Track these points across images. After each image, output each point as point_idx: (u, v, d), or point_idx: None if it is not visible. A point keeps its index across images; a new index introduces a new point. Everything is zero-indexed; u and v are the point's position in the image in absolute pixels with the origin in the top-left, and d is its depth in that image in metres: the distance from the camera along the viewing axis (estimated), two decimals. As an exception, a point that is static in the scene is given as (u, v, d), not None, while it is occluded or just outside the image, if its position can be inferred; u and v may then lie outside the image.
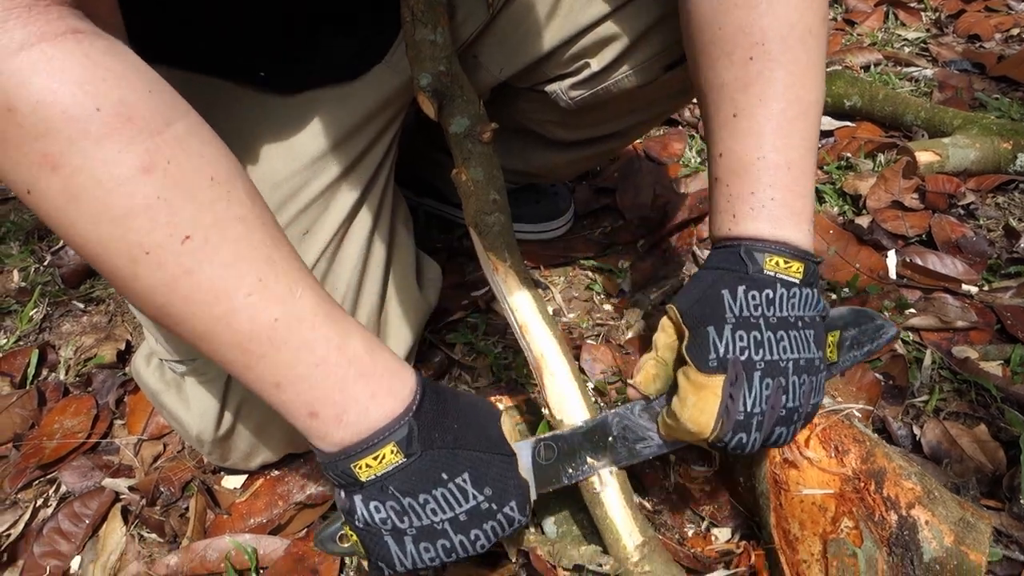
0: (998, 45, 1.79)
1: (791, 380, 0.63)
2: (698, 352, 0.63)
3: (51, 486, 0.94)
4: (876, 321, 0.72)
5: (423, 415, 0.60)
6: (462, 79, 0.80)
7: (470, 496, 0.60)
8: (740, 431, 0.62)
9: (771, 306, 0.64)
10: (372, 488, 0.59)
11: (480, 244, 0.79)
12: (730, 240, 0.67)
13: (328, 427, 0.58)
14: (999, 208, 1.24)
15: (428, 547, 0.60)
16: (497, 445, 0.64)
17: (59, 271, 1.30)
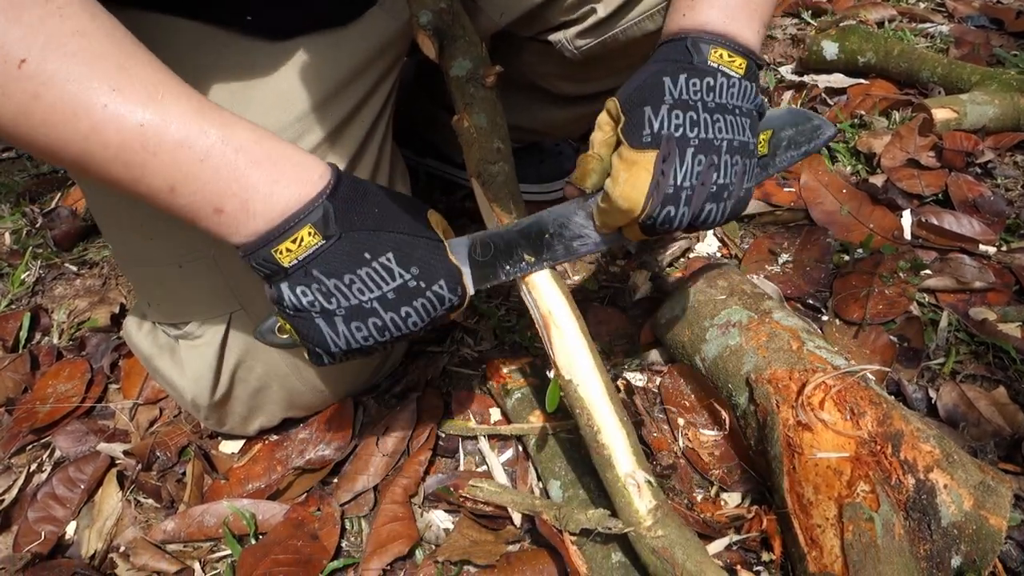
0: (1016, 1, 1.73)
1: (724, 158, 0.62)
2: (632, 130, 0.63)
3: (45, 451, 0.92)
4: (813, 121, 0.70)
5: (339, 198, 0.60)
6: (464, 19, 0.76)
7: (396, 274, 0.60)
8: (669, 204, 0.61)
9: (710, 92, 0.63)
10: (296, 273, 0.59)
11: (483, 195, 0.75)
12: (679, 33, 0.66)
13: (238, 219, 0.57)
14: (1018, 167, 1.20)
15: (360, 326, 0.60)
16: (422, 230, 0.64)
17: (51, 233, 1.27)
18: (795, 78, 1.53)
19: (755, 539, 0.73)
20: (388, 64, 0.86)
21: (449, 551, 0.73)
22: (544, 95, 1.07)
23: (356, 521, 0.81)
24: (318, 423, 0.90)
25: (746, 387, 0.78)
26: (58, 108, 0.51)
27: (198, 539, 0.80)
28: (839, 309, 0.97)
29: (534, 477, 0.82)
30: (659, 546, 0.64)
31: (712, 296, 0.88)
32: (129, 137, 0.53)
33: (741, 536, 0.73)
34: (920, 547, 0.66)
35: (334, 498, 0.81)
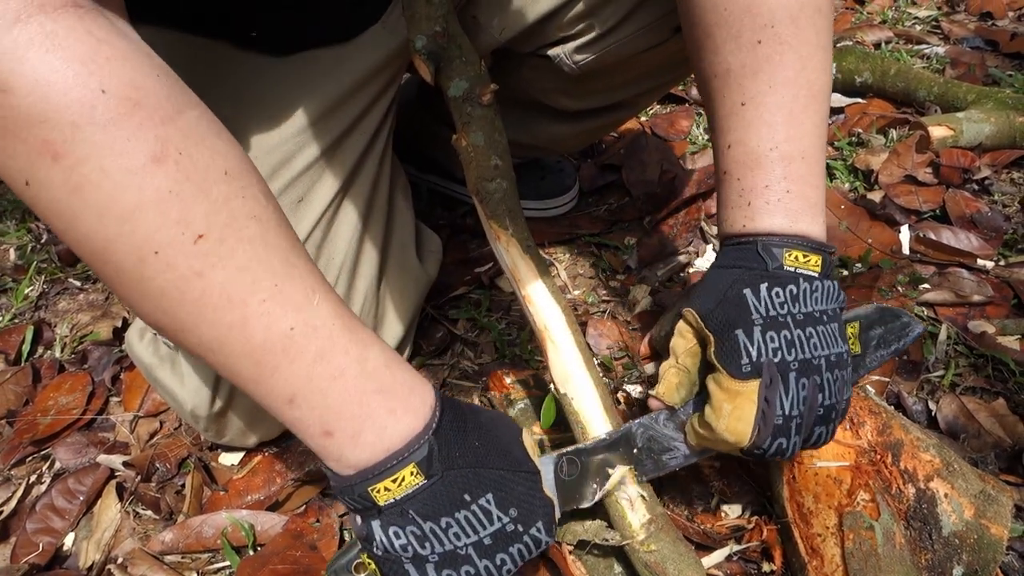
0: (1011, 23, 1.76)
1: (825, 377, 0.60)
2: (729, 358, 0.60)
3: (45, 462, 0.92)
4: (902, 319, 0.70)
5: (443, 433, 0.56)
6: (461, 39, 0.77)
7: (495, 518, 0.56)
8: (780, 436, 0.59)
9: (796, 302, 0.61)
10: (391, 512, 0.54)
11: (482, 212, 0.76)
12: (744, 236, 0.64)
13: (344, 447, 0.53)
14: (1014, 183, 1.21)
15: (451, 574, 0.55)
16: (520, 463, 0.59)
17: (55, 249, 1.27)
18: (793, 98, 1.54)
19: (756, 549, 0.73)
20: (388, 79, 0.87)
21: (448, 561, 0.73)
22: (543, 111, 1.09)
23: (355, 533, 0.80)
24: (318, 435, 0.90)
25: (745, 398, 0.78)
26: (217, 292, 0.48)
27: (196, 550, 0.80)
28: (838, 322, 0.97)
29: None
30: (651, 560, 0.64)
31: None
32: (274, 338, 0.50)
33: (741, 546, 0.73)
34: (921, 557, 0.65)
35: (333, 509, 0.81)
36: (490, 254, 1.15)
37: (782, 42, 0.62)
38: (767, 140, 0.63)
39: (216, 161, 0.48)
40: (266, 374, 0.51)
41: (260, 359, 0.50)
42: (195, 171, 0.47)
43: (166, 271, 0.47)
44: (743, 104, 0.63)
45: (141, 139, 0.45)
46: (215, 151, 0.49)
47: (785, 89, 0.62)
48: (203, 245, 0.47)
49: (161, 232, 0.46)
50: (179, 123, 0.47)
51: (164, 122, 0.46)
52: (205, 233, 0.47)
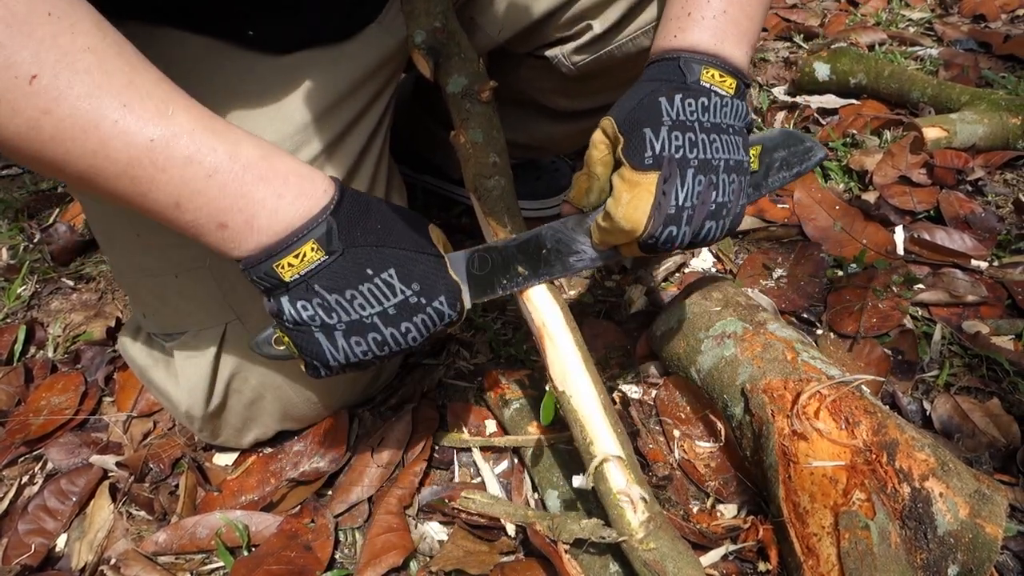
0: (1004, 25, 1.77)
1: (721, 177, 0.64)
2: (634, 151, 0.64)
3: (37, 463, 0.91)
4: (805, 143, 0.72)
5: (343, 214, 0.60)
6: (459, 36, 0.77)
7: (397, 290, 0.61)
8: (671, 224, 0.63)
9: (705, 112, 0.65)
10: (297, 288, 0.59)
11: (480, 209, 0.76)
12: (670, 52, 0.67)
13: (241, 234, 0.57)
14: (1008, 184, 1.21)
15: (359, 341, 0.61)
16: (423, 246, 0.64)
17: (48, 248, 1.27)
18: (788, 99, 1.55)
19: (751, 549, 0.73)
20: (385, 79, 0.87)
21: (443, 561, 0.73)
22: (541, 111, 1.08)
23: (350, 532, 0.80)
24: (312, 435, 0.89)
25: (741, 397, 0.78)
26: (68, 124, 0.51)
27: (190, 551, 0.79)
28: (833, 323, 0.98)
29: (529, 488, 0.82)
30: (651, 559, 0.63)
31: (707, 308, 0.88)
32: (138, 153, 0.53)
33: (737, 546, 0.73)
34: (917, 556, 0.65)
35: (328, 509, 0.81)
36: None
37: None
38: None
39: (37, 5, 0.50)
40: (144, 188, 0.54)
41: (133, 175, 0.54)
42: (14, 18, 0.48)
43: (15, 116, 0.50)
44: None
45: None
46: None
47: None
48: (38, 84, 0.49)
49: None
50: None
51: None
52: (38, 73, 0.49)
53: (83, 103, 0.51)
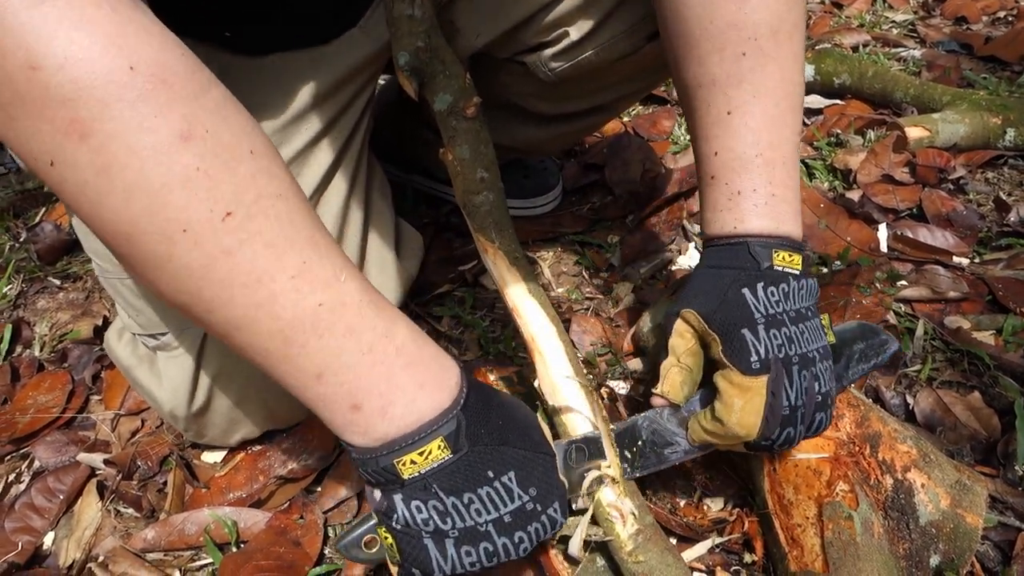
0: (985, 27, 1.79)
1: (819, 367, 0.64)
2: (738, 355, 0.63)
3: (24, 461, 0.91)
4: (881, 336, 0.74)
5: (470, 409, 0.56)
6: (444, 51, 0.77)
7: (515, 496, 0.56)
8: (788, 426, 0.62)
9: (787, 300, 0.65)
10: (414, 486, 0.54)
11: (470, 225, 0.76)
12: (733, 238, 0.67)
13: (371, 421, 0.53)
14: (989, 183, 1.23)
15: (470, 551, 0.55)
16: (540, 444, 0.60)
17: (35, 247, 1.26)
18: (773, 99, 1.56)
19: (737, 541, 0.73)
20: (365, 80, 0.87)
21: (432, 555, 0.73)
22: (522, 114, 1.09)
23: (339, 528, 0.80)
24: (301, 433, 0.89)
25: (727, 392, 0.79)
26: (245, 270, 0.48)
27: (179, 548, 0.79)
28: (818, 319, 0.99)
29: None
30: (639, 571, 0.64)
31: (693, 304, 0.89)
32: (303, 315, 0.50)
33: (723, 538, 0.74)
34: (899, 546, 0.67)
35: (317, 505, 0.81)
36: (474, 252, 1.15)
37: (764, 54, 0.65)
38: (752, 147, 0.66)
39: (242, 139, 0.48)
40: (294, 352, 0.51)
41: (289, 336, 0.50)
42: (222, 149, 0.46)
43: (193, 249, 0.47)
44: (729, 113, 0.67)
45: (169, 116, 0.44)
46: (241, 129, 0.49)
47: (768, 98, 0.66)
48: (231, 223, 0.47)
49: (189, 210, 0.46)
50: (204, 101, 0.47)
51: (190, 99, 0.46)
52: (233, 211, 0.47)
53: (267, 252, 0.48)
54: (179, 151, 0.45)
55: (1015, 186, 1.22)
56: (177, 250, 0.47)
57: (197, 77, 0.47)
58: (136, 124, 0.43)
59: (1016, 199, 1.18)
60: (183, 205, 0.46)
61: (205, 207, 0.46)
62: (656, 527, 0.67)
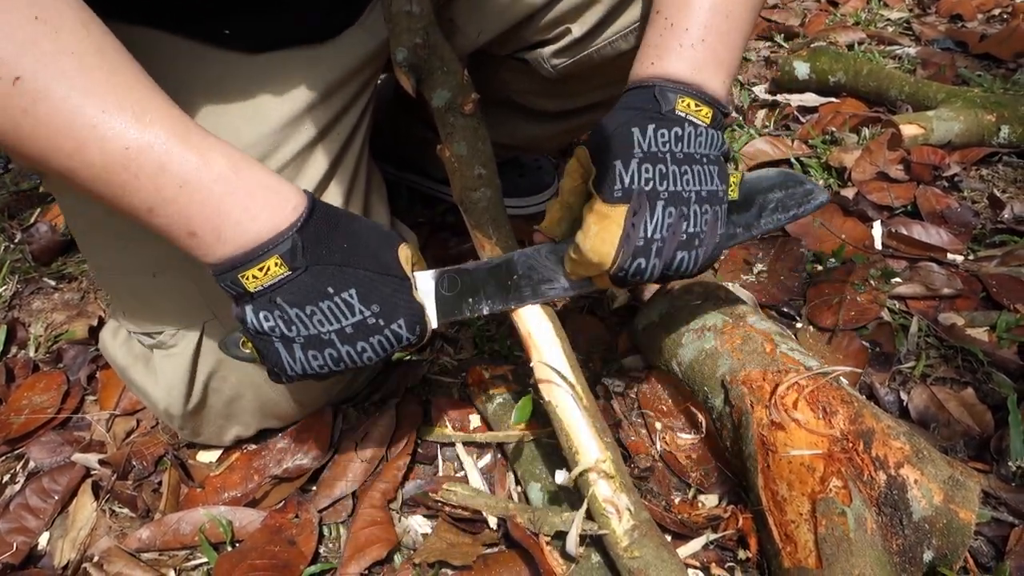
0: (980, 25, 1.79)
1: (693, 208, 0.64)
2: (604, 184, 0.65)
3: (18, 462, 0.91)
4: (805, 185, 0.71)
5: (309, 231, 0.61)
6: (442, 49, 0.76)
7: (356, 310, 0.62)
8: (639, 256, 0.63)
9: (679, 142, 0.65)
10: (260, 299, 0.60)
11: (467, 221, 0.76)
12: (646, 80, 0.68)
13: (209, 243, 0.59)
14: (983, 180, 1.23)
15: (316, 355, 0.62)
16: (388, 267, 0.65)
17: (29, 248, 1.26)
18: (768, 97, 1.56)
19: (731, 538, 0.74)
20: (365, 80, 0.87)
21: (426, 553, 0.73)
22: (522, 111, 1.09)
23: (334, 527, 0.80)
24: (296, 432, 0.89)
25: (721, 389, 0.79)
26: (47, 124, 0.52)
27: (174, 547, 0.79)
28: (812, 316, 0.99)
29: (512, 481, 0.83)
30: (635, 567, 0.64)
31: (688, 302, 0.89)
32: (112, 159, 0.54)
33: (718, 535, 0.74)
34: (893, 542, 0.67)
35: (312, 504, 0.81)
36: (469, 251, 1.15)
37: None
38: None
39: (22, 8, 0.51)
40: (118, 192, 0.56)
41: (108, 179, 0.55)
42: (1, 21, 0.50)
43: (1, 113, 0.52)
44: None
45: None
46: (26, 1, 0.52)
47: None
48: (20, 85, 0.51)
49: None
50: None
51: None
52: (21, 75, 0.51)
53: (62, 105, 0.52)
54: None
55: (1009, 183, 1.22)
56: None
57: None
58: None
59: (1010, 196, 1.18)
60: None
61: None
62: (651, 523, 0.67)
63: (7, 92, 0.51)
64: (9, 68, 0.50)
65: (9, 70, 0.50)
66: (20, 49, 0.51)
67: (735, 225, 0.71)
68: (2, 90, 0.51)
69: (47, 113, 0.52)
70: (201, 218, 0.58)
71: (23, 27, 0.51)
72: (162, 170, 0.56)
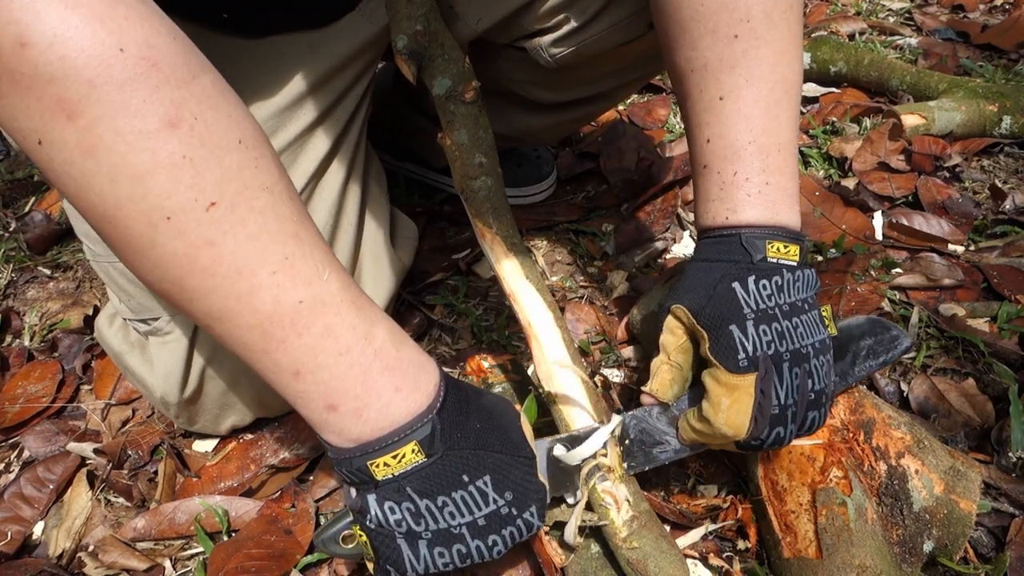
0: (982, 15, 1.78)
1: (813, 364, 0.62)
2: (725, 353, 0.61)
3: (13, 451, 0.90)
4: (892, 332, 0.71)
5: (446, 413, 0.56)
6: (443, 36, 0.76)
7: (490, 500, 0.56)
8: (777, 425, 0.61)
9: (781, 293, 0.62)
10: (388, 488, 0.54)
11: (468, 210, 0.76)
12: (726, 229, 0.65)
13: (346, 422, 0.53)
14: (984, 171, 1.23)
15: (443, 552, 0.56)
16: (519, 447, 0.60)
17: (24, 237, 1.25)
18: (769, 87, 1.55)
19: (731, 528, 0.73)
20: (363, 66, 0.86)
21: (424, 542, 0.73)
22: (520, 102, 1.08)
23: (331, 516, 0.80)
24: (293, 422, 0.89)
25: (721, 379, 0.79)
26: (227, 261, 0.48)
27: (169, 537, 0.79)
28: (813, 306, 0.98)
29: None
30: (633, 558, 0.63)
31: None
32: (283, 310, 0.50)
33: (717, 525, 0.73)
34: (893, 532, 0.66)
35: (309, 494, 0.80)
36: (467, 241, 1.15)
37: (758, 37, 0.63)
38: (745, 133, 0.64)
39: (231, 129, 0.48)
40: (272, 346, 0.51)
41: (268, 331, 0.50)
42: (209, 137, 0.46)
43: (177, 238, 0.47)
44: (721, 98, 0.64)
45: (157, 101, 0.44)
46: (230, 118, 0.49)
47: (762, 83, 0.64)
48: (215, 213, 0.46)
49: (173, 198, 0.45)
50: (194, 87, 0.46)
51: (180, 85, 0.45)
52: (217, 201, 0.46)
53: (248, 245, 0.48)
54: (166, 138, 0.45)
55: (1010, 174, 1.21)
56: (160, 237, 0.47)
57: (188, 62, 0.47)
58: (123, 107, 0.43)
59: (1011, 187, 1.17)
60: (167, 193, 0.45)
61: (189, 196, 0.46)
62: (651, 513, 0.66)
63: (198, 217, 0.46)
64: (209, 192, 0.46)
65: (208, 194, 0.46)
66: (224, 173, 0.46)
67: None
68: (193, 214, 0.46)
69: (233, 250, 0.48)
70: (349, 393, 0.53)
71: (230, 151, 0.47)
72: (328, 332, 0.51)
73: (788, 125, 0.65)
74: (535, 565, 0.70)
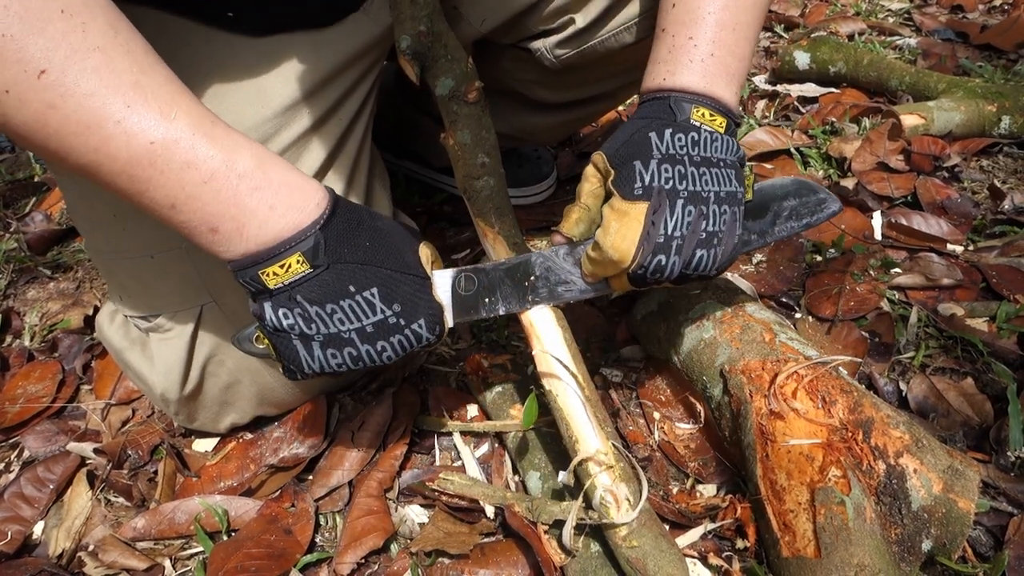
0: (981, 15, 1.79)
1: (712, 208, 0.65)
2: (624, 182, 0.65)
3: (13, 451, 0.91)
4: (819, 194, 0.72)
5: (332, 229, 0.61)
6: (446, 36, 0.76)
7: (377, 309, 0.62)
8: (660, 253, 0.63)
9: (695, 146, 0.66)
10: (280, 296, 0.60)
11: (470, 209, 0.76)
12: (660, 91, 0.68)
13: (230, 241, 0.59)
14: (983, 171, 1.23)
15: (335, 353, 0.62)
16: (409, 266, 0.65)
17: (25, 237, 1.25)
18: (768, 87, 1.56)
19: (730, 527, 0.73)
20: (368, 65, 0.86)
21: (423, 542, 0.73)
22: (523, 102, 1.08)
23: (331, 516, 0.80)
24: (292, 421, 0.89)
25: (720, 379, 0.79)
26: (72, 120, 0.52)
27: (169, 536, 0.79)
28: (812, 306, 0.99)
29: (510, 470, 0.82)
30: (633, 557, 0.64)
31: (686, 292, 0.88)
32: (137, 154, 0.54)
33: (716, 524, 0.73)
34: (891, 531, 0.66)
35: (308, 493, 0.81)
36: (467, 240, 1.15)
37: None
38: (708, 4, 0.67)
39: (50, 2, 0.51)
40: (142, 187, 0.56)
41: (132, 174, 0.55)
42: (27, 12, 0.49)
43: (23, 107, 0.51)
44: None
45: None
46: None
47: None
48: (47, 79, 0.50)
49: (5, 72, 0.49)
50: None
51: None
52: (47, 68, 0.50)
53: (88, 101, 0.52)
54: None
55: (1009, 174, 1.21)
56: (9, 110, 0.51)
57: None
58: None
59: (1010, 187, 1.17)
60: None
61: (20, 68, 0.49)
62: (650, 512, 0.66)
63: (32, 85, 0.50)
64: (36, 61, 0.50)
65: (36, 63, 0.50)
66: (49, 43, 0.50)
67: (750, 231, 0.72)
68: (27, 84, 0.50)
69: (74, 108, 0.52)
70: (224, 214, 0.58)
71: (51, 21, 0.50)
72: (187, 166, 0.56)
73: (750, 12, 0.68)
74: (535, 565, 0.70)
